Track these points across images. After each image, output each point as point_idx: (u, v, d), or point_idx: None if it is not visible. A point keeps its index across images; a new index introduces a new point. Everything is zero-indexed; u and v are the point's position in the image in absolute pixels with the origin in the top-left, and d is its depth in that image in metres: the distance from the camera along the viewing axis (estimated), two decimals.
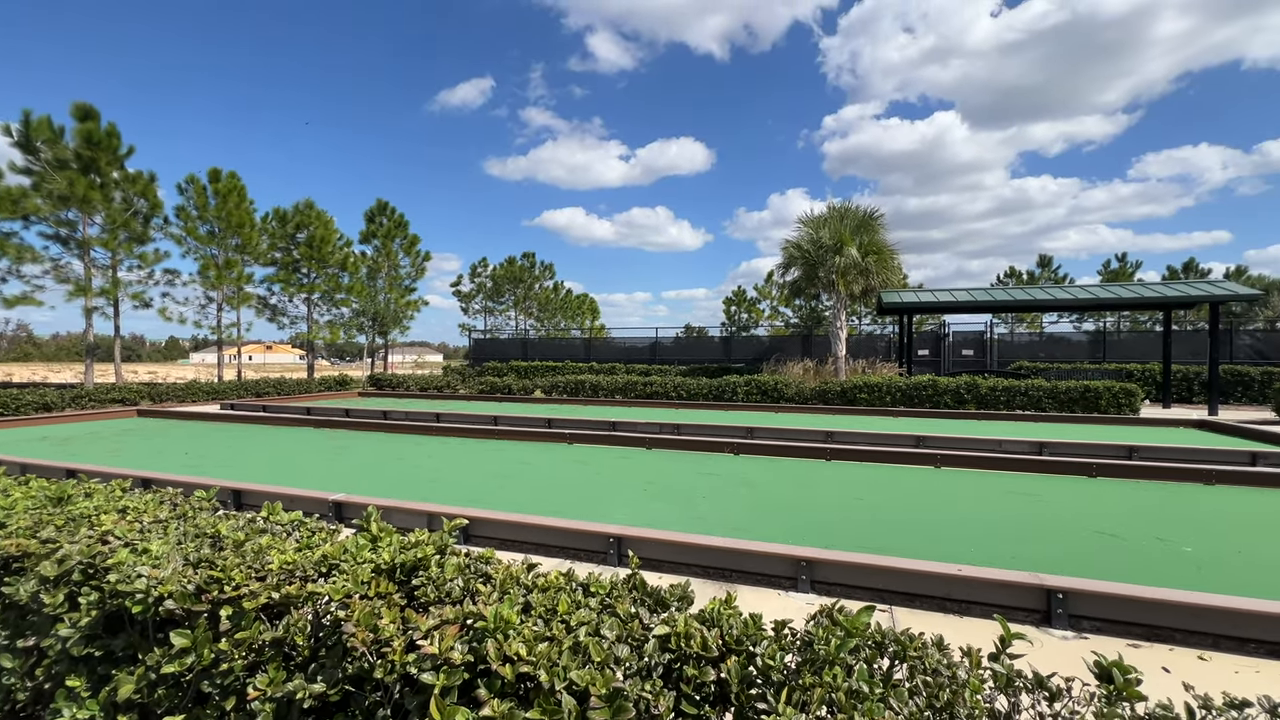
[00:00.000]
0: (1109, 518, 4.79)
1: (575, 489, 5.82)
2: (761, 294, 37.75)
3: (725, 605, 1.48)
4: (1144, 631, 2.81)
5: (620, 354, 27.71)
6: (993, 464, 6.74)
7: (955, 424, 10.72)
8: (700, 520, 4.67)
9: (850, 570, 3.20)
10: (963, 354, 20.66)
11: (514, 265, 40.03)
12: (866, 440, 8.16)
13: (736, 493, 5.63)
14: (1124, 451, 7.27)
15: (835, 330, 16.54)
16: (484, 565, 1.79)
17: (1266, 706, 1.15)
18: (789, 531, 4.35)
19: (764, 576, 3.39)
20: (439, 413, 11.39)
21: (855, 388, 13.11)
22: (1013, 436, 8.35)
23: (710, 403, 13.98)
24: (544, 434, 8.78)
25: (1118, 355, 20.58)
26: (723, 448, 7.62)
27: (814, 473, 6.47)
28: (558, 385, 16.48)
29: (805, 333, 29.69)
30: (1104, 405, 11.81)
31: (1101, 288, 17.06)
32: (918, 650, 1.28)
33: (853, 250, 15.82)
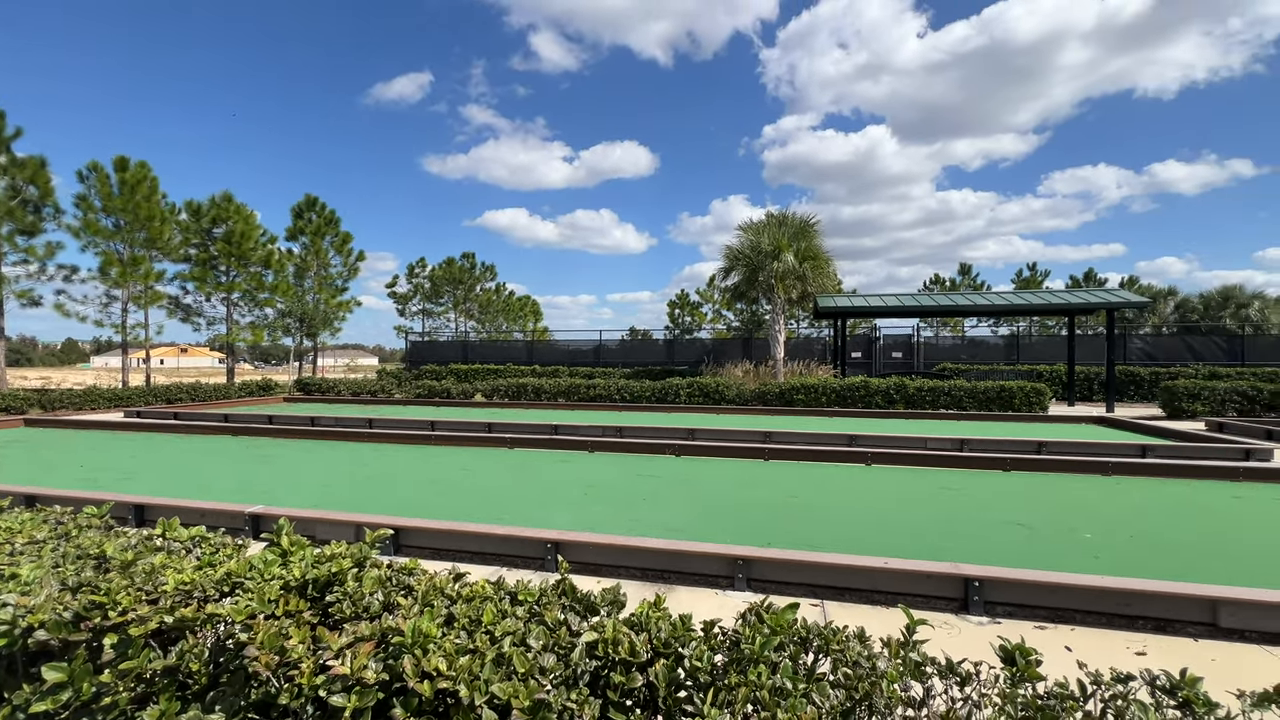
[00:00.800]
0: (1021, 509, 5.13)
1: (515, 494, 5.70)
2: (704, 298, 38.36)
3: (654, 608, 1.47)
4: (1049, 614, 3.01)
5: (564, 357, 27.46)
6: (919, 461, 7.09)
7: (886, 423, 11.22)
8: (640, 522, 4.66)
9: (785, 567, 3.27)
10: (893, 356, 21.70)
11: (454, 266, 38.97)
12: (802, 440, 8.41)
13: (677, 494, 5.67)
14: (1034, 447, 7.82)
15: (774, 333, 17.01)
16: (407, 577, 1.71)
17: (1146, 679, 1.24)
18: (728, 531, 4.41)
19: (702, 576, 3.42)
20: (372, 418, 10.90)
21: (793, 389, 13.51)
22: (937, 434, 8.82)
23: (654, 405, 14.05)
24: (484, 439, 8.57)
25: (1030, 357, 22.17)
26: (665, 449, 7.67)
27: (753, 472, 6.60)
28: (499, 389, 16.15)
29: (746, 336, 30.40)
30: (1017, 404, 12.68)
31: (1015, 294, 18.34)
32: (840, 644, 1.31)
33: (790, 256, 16.32)
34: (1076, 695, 1.30)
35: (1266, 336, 22.59)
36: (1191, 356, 21.08)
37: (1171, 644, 2.75)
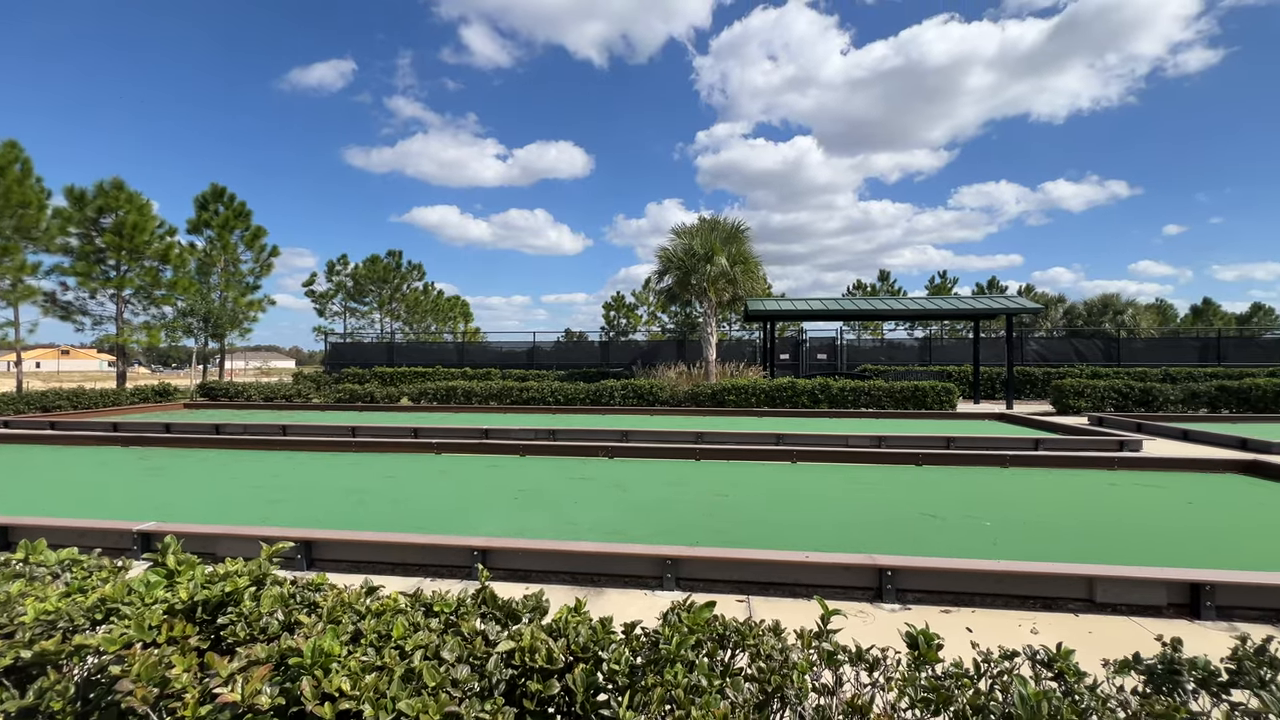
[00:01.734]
0: (932, 500, 5.47)
1: (442, 501, 5.50)
2: (639, 300, 38.64)
3: (574, 613, 1.45)
4: (954, 598, 3.23)
5: (496, 359, 26.85)
6: (841, 457, 7.43)
7: (811, 422, 11.70)
8: (572, 526, 4.62)
9: (712, 565, 3.34)
10: (818, 358, 22.67)
11: (378, 264, 37.25)
12: (733, 440, 8.62)
13: (610, 496, 5.66)
14: (943, 442, 8.38)
15: (706, 336, 17.35)
16: (312, 593, 1.60)
17: (1028, 655, 1.35)
18: (659, 531, 4.45)
19: (632, 577, 3.43)
20: (286, 425, 10.23)
21: (724, 390, 13.83)
22: (857, 432, 9.28)
23: (588, 407, 13.99)
24: (410, 444, 8.23)
25: (941, 359, 23.78)
26: (597, 452, 7.64)
27: (685, 473, 6.70)
28: (427, 392, 15.57)
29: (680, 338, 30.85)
30: (929, 402, 13.55)
31: (927, 300, 19.62)
32: (755, 638, 1.35)
33: (722, 260, 16.72)
34: (971, 674, 1.39)
35: (1138, 340, 25.33)
36: (1077, 357, 23.30)
37: (1057, 620, 3.01)
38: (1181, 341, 25.08)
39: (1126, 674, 1.28)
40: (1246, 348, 24.00)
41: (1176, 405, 13.29)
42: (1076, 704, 1.15)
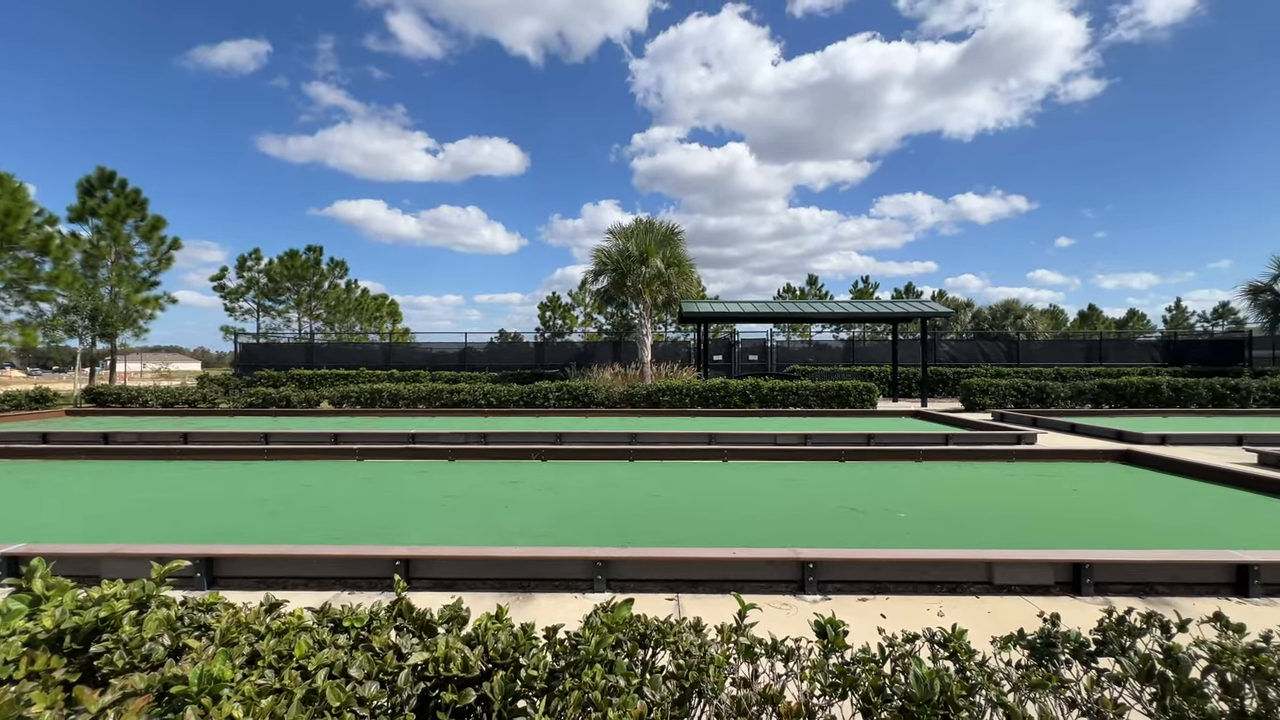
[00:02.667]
0: (853, 494, 5.75)
1: (363, 510, 5.24)
2: (575, 300, 38.41)
3: (494, 620, 1.42)
4: (871, 586, 3.40)
5: (426, 360, 25.92)
6: (770, 455, 7.68)
7: (743, 421, 12.02)
8: (503, 531, 4.52)
9: (643, 565, 3.36)
10: (750, 359, 23.33)
11: (297, 259, 35.07)
12: (666, 440, 8.72)
13: (542, 499, 5.58)
14: (864, 439, 8.83)
15: (641, 337, 17.48)
16: (203, 614, 1.48)
17: (927, 637, 1.44)
18: (592, 533, 4.43)
19: (562, 581, 3.39)
20: (188, 432, 9.43)
21: (659, 391, 13.97)
22: (785, 431, 9.61)
23: (521, 409, 13.76)
24: (330, 450, 7.79)
25: (864, 360, 25.06)
26: (530, 455, 7.53)
27: (618, 474, 6.71)
28: (350, 395, 14.80)
29: (617, 339, 30.91)
30: (852, 401, 14.24)
31: (850, 304, 20.62)
32: (675, 635, 1.36)
33: (657, 262, 16.89)
34: (876, 657, 1.47)
35: (1035, 342, 27.69)
36: (983, 358, 25.18)
37: (961, 602, 3.24)
38: (1071, 344, 27.66)
39: (1011, 649, 1.39)
40: (1124, 349, 26.76)
41: (1066, 401, 14.62)
42: (966, 680, 1.24)
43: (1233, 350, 24.81)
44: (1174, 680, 1.24)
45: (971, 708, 1.15)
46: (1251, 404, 14.09)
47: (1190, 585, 3.36)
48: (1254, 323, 22.64)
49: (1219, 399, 14.19)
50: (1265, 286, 21.11)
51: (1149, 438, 8.83)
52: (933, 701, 1.10)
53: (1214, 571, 3.32)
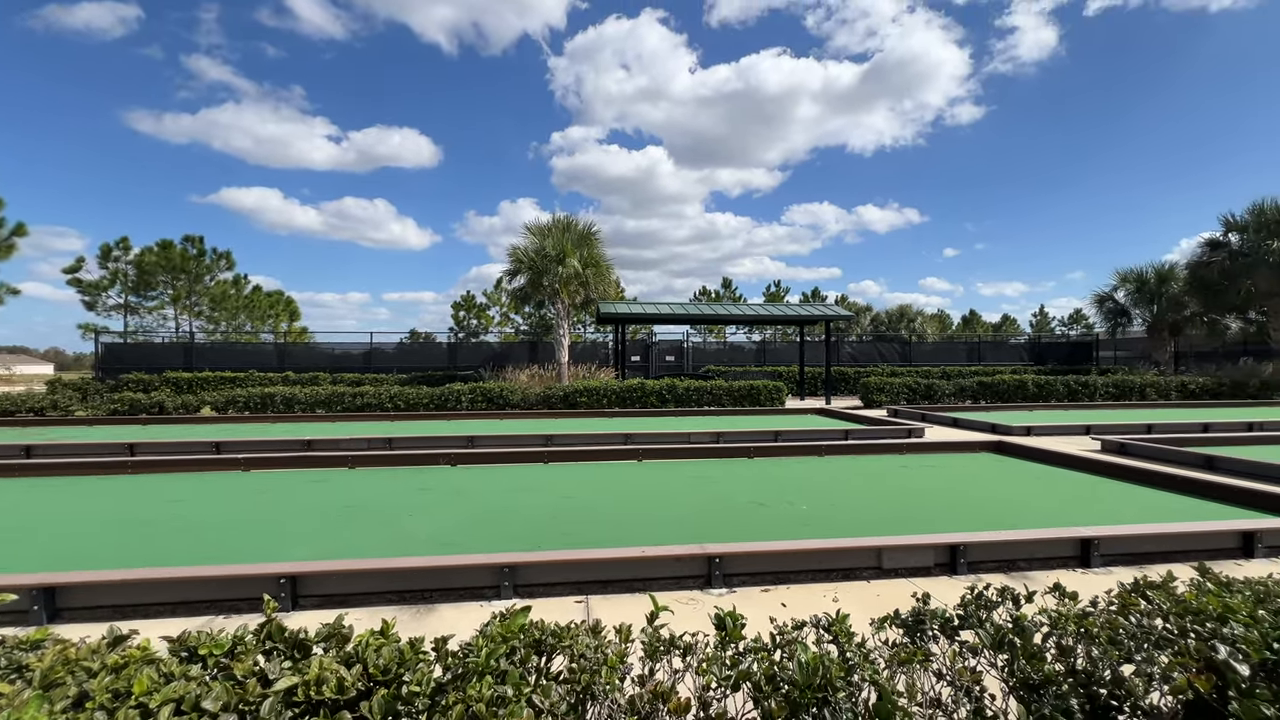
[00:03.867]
0: (760, 489, 5.97)
1: (246, 526, 4.80)
2: (491, 300, 37.38)
3: (378, 636, 1.34)
4: (774, 577, 3.54)
5: (327, 362, 24.26)
6: (684, 454, 7.83)
7: (659, 421, 12.19)
8: (406, 540, 4.30)
9: (551, 569, 3.30)
10: (667, 360, 23.74)
11: (172, 250, 31.62)
12: (582, 441, 8.67)
13: (451, 505, 5.37)
14: (772, 436, 9.22)
15: (559, 337, 17.29)
16: (26, 653, 1.29)
17: (813, 623, 1.52)
18: (502, 539, 4.31)
19: (467, 590, 3.27)
20: (32, 445, 8.24)
21: (576, 392, 13.88)
22: (699, 429, 9.85)
23: (432, 412, 13.19)
24: (210, 461, 7.08)
25: (775, 360, 26.23)
26: (439, 460, 7.22)
27: (532, 476, 6.58)
28: (238, 400, 13.55)
29: (534, 340, 30.40)
30: (763, 400, 14.85)
31: (762, 307, 21.51)
32: (570, 639, 1.34)
33: (574, 262, 16.78)
34: (769, 646, 1.52)
35: (925, 344, 30.19)
36: (880, 358, 27.11)
37: (855, 587, 3.45)
38: (955, 345, 30.38)
39: (886, 628, 1.49)
40: (998, 350, 29.76)
41: (950, 397, 16.02)
42: (846, 661, 1.31)
43: (1084, 351, 28.27)
44: (1019, 646, 1.38)
45: (848, 687, 1.21)
46: (1098, 398, 16.10)
47: (1045, 560, 3.77)
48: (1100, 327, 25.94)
49: (1073, 394, 16.10)
50: (1108, 295, 24.22)
51: (1017, 429, 9.86)
52: (814, 685, 1.15)
53: (1063, 546, 3.75)
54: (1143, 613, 1.55)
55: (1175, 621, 1.50)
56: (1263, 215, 18.75)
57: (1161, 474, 6.11)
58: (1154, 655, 1.42)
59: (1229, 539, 3.95)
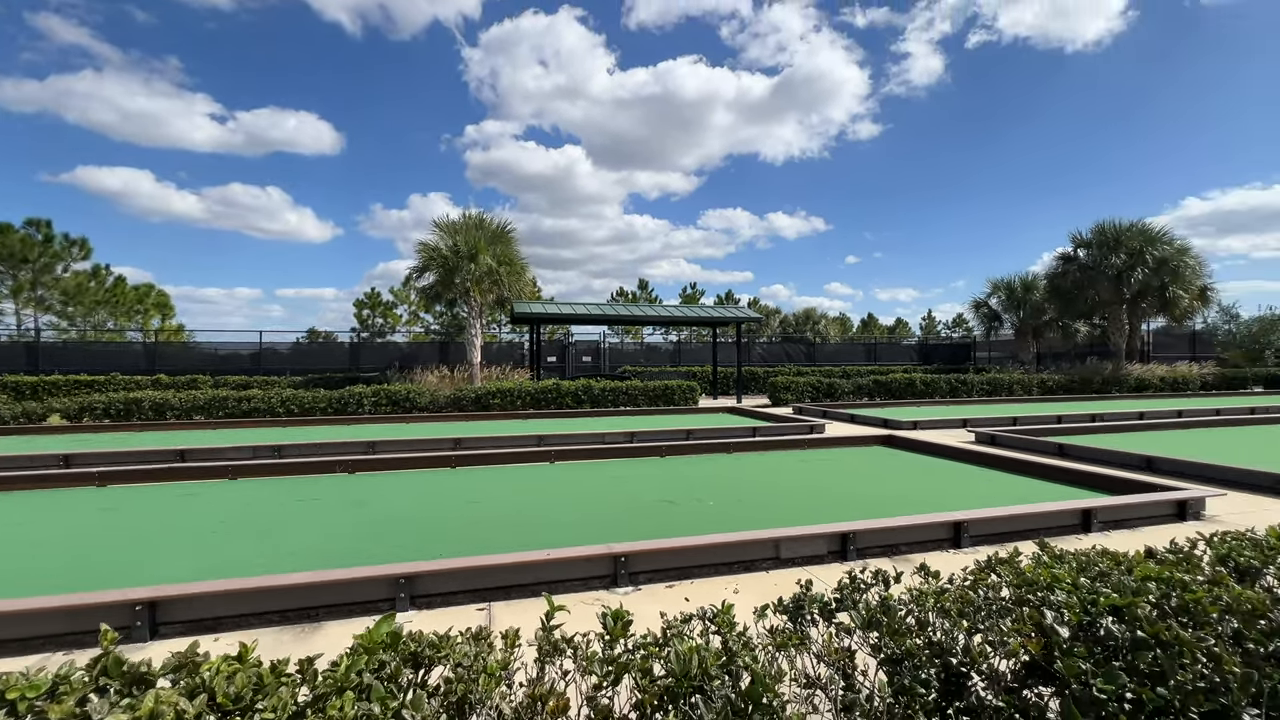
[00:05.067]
0: (670, 487, 6.08)
1: (100, 549, 4.25)
2: (398, 298, 35.56)
3: (232, 661, 1.22)
4: (679, 572, 3.61)
5: (209, 363, 22.09)
6: (597, 454, 7.82)
7: (574, 422, 12.10)
8: (292, 556, 3.99)
9: (451, 577, 3.18)
10: (583, 360, 23.65)
11: (10, 235, 27.45)
12: (492, 444, 8.44)
13: (346, 516, 5.04)
14: (684, 434, 9.42)
15: (470, 337, 16.75)
16: None
17: (700, 616, 1.56)
18: (402, 549, 4.10)
19: (359, 605, 3.08)
20: None
21: (489, 394, 13.51)
22: (613, 430, 9.88)
23: (330, 418, 12.33)
24: (56, 477, 6.21)
25: (690, 360, 26.85)
26: (335, 467, 6.76)
27: (438, 482, 6.32)
28: (95, 407, 12.00)
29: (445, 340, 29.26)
30: (677, 400, 15.15)
31: (677, 309, 21.95)
32: (448, 648, 1.29)
33: (488, 259, 16.31)
34: (659, 641, 1.54)
35: (829, 345, 32.09)
36: (788, 359, 28.50)
37: (754, 578, 3.58)
38: (855, 346, 32.52)
39: (769, 615, 1.56)
40: (892, 351, 32.18)
41: (849, 395, 17.11)
42: (727, 650, 1.36)
43: (964, 351, 31.20)
44: (885, 624, 1.49)
45: (724, 674, 1.25)
46: (975, 394, 17.80)
47: (923, 543, 4.11)
48: (977, 330, 28.76)
49: (954, 390, 17.70)
50: (983, 301, 26.93)
51: (905, 424, 10.69)
52: (690, 675, 1.18)
53: (938, 530, 4.11)
54: (990, 586, 1.72)
55: (1015, 593, 1.68)
56: (1104, 234, 21.55)
57: (1023, 461, 6.85)
58: (998, 624, 1.57)
59: (1072, 516, 4.49)
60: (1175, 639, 1.39)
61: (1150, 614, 1.50)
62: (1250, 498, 5.49)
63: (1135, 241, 20.63)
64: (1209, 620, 1.55)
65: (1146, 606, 1.52)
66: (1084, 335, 26.03)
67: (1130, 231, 21.05)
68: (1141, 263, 20.19)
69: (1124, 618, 1.49)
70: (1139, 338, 23.44)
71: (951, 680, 1.52)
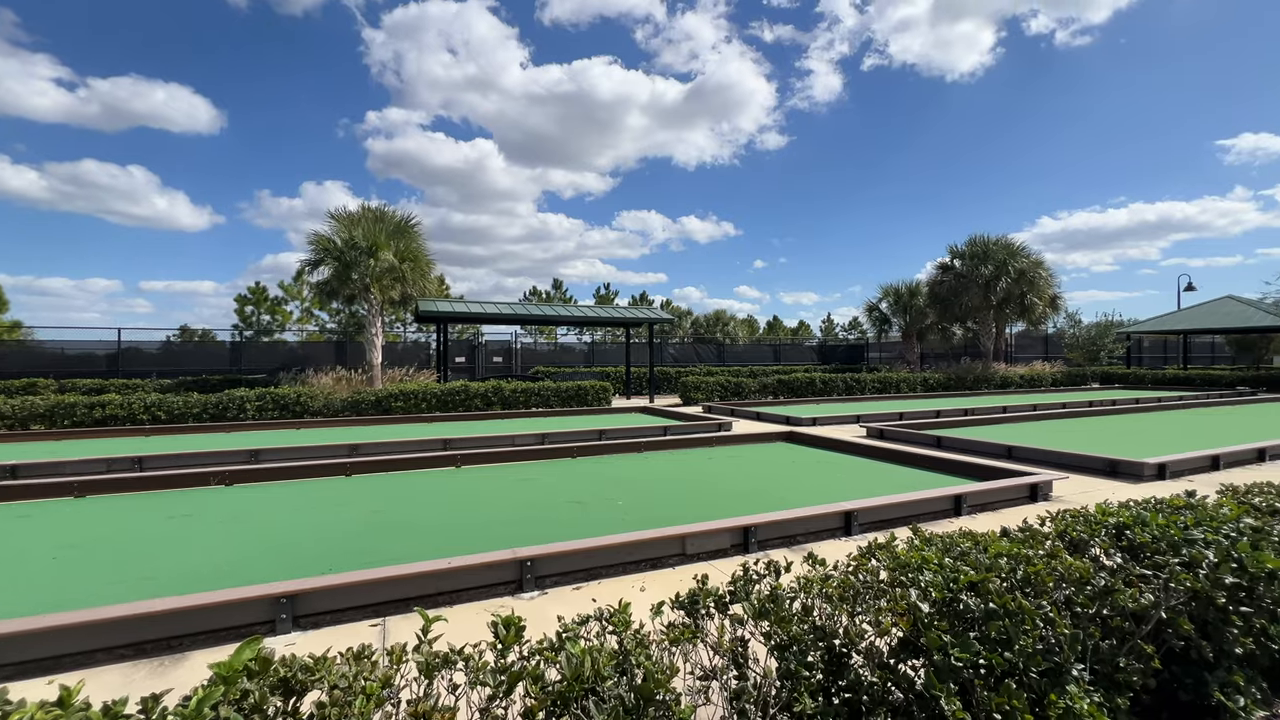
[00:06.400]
0: (581, 488, 6.04)
1: None
2: (289, 293, 32.85)
3: (50, 708, 1.06)
4: (586, 574, 3.59)
5: (55, 364, 19.32)
6: (508, 457, 7.63)
7: (483, 424, 11.74)
8: (150, 582, 3.56)
9: (341, 593, 2.97)
10: (494, 361, 23.01)
11: None
12: (394, 449, 8.01)
13: (225, 534, 4.57)
14: (597, 434, 9.41)
15: (370, 337, 15.80)
16: None
17: (596, 616, 1.55)
18: (289, 567, 3.77)
19: (232, 629, 2.80)
20: None
21: (391, 396, 12.80)
22: (525, 431, 9.69)
23: (206, 425, 11.15)
24: None
25: (604, 361, 26.89)
26: (210, 479, 6.12)
27: (331, 492, 5.90)
28: None
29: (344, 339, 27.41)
30: (590, 400, 15.11)
31: (590, 309, 21.90)
32: (322, 671, 1.20)
33: (389, 255, 15.45)
34: (554, 645, 1.52)
35: (737, 346, 33.34)
36: (699, 359, 29.29)
37: (661, 575, 3.64)
38: (761, 348, 34.03)
39: (660, 613, 1.58)
40: (795, 352, 33.98)
41: (755, 394, 17.86)
42: (622, 648, 1.36)
43: (858, 352, 33.55)
44: (774, 613, 1.55)
45: (618, 674, 1.26)
46: (868, 392, 19.18)
47: (818, 532, 4.36)
48: (870, 332, 31.05)
49: (849, 389, 18.98)
50: (875, 305, 29.14)
51: (805, 421, 11.32)
52: (582, 677, 1.17)
53: (831, 520, 4.37)
54: (869, 571, 1.84)
55: (891, 575, 1.81)
56: (975, 247, 24.00)
57: (907, 453, 7.46)
58: (874, 605, 1.69)
59: (945, 502, 4.94)
60: (1019, 608, 1.56)
61: (1000, 587, 1.68)
62: (1087, 479, 6.31)
63: (1001, 254, 23.16)
64: (1047, 589, 1.76)
65: (997, 581, 1.70)
66: (959, 338, 28.82)
67: (997, 245, 23.61)
68: (1006, 273, 22.68)
69: (979, 592, 1.65)
70: (1004, 340, 26.32)
71: (834, 661, 1.61)
